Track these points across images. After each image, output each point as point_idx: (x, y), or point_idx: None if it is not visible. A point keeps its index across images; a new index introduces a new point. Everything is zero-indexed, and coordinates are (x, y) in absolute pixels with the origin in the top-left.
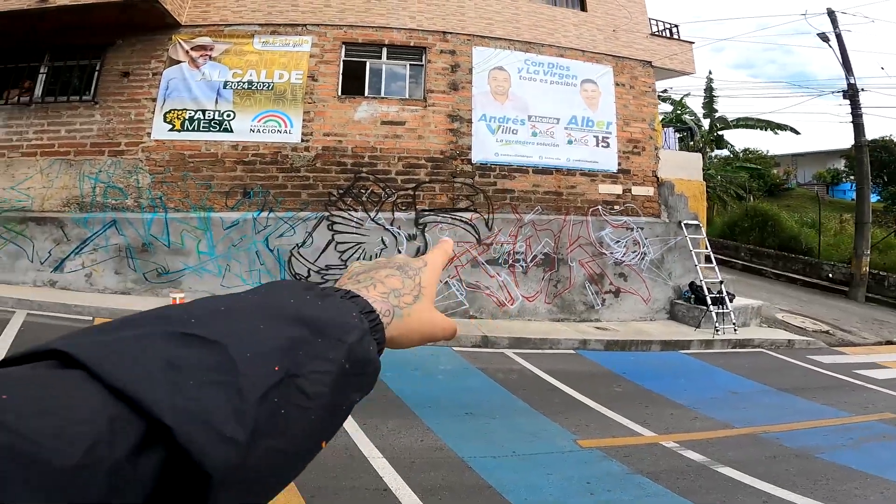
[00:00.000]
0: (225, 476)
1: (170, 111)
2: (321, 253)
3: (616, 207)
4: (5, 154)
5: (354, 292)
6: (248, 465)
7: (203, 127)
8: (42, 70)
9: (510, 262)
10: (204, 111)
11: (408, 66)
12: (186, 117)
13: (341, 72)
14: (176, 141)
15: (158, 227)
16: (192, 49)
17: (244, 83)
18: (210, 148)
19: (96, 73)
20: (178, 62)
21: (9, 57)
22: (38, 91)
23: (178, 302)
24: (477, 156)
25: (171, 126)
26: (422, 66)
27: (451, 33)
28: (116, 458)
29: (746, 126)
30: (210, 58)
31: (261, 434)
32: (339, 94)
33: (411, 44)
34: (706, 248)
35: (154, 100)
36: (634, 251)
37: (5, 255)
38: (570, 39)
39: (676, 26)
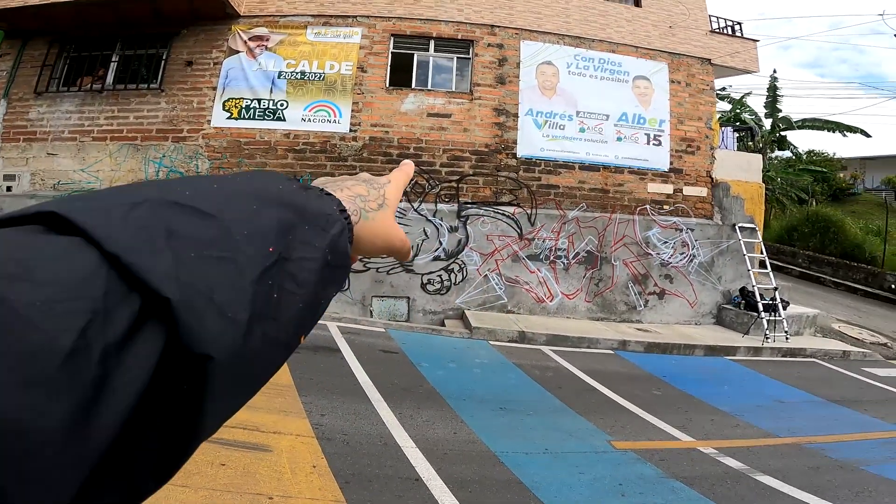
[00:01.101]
0: (226, 361)
1: (228, 99)
2: None
3: (665, 207)
4: (77, 138)
5: (328, 190)
6: (246, 351)
7: (258, 115)
8: (114, 58)
9: (551, 258)
10: (259, 100)
11: (455, 59)
12: (243, 106)
13: (389, 63)
14: (233, 128)
15: None
16: (249, 39)
17: (297, 73)
18: (264, 136)
19: (163, 61)
20: (237, 52)
21: (84, 45)
22: (110, 79)
23: None
24: (522, 150)
25: (229, 114)
26: (469, 59)
27: (499, 27)
28: (110, 340)
29: (813, 127)
30: (266, 48)
31: (257, 317)
32: (387, 85)
33: (459, 37)
34: (761, 253)
35: (214, 88)
36: (683, 253)
37: None
38: (622, 35)
39: (739, 23)
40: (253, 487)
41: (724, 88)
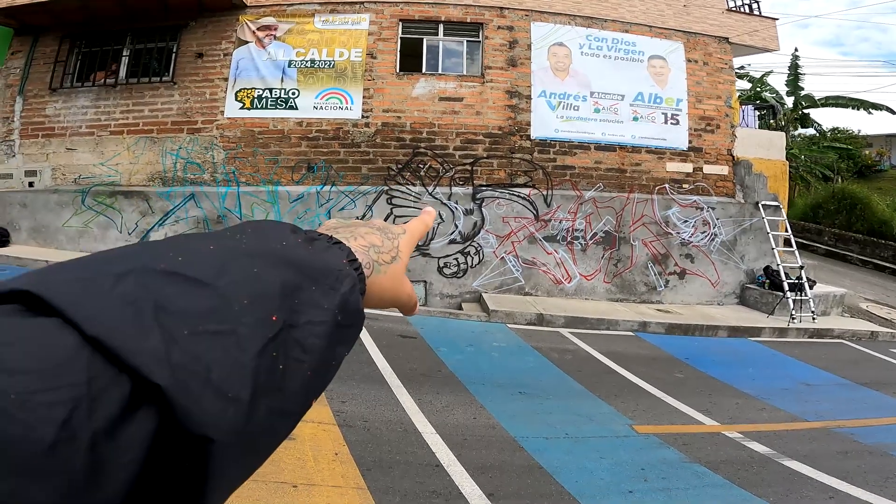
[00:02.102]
0: (227, 441)
1: (240, 90)
2: None
3: (685, 186)
4: (94, 132)
5: (337, 238)
6: (250, 429)
7: (270, 105)
8: (125, 52)
9: (569, 239)
10: (271, 90)
11: (465, 43)
12: (255, 96)
13: (399, 49)
14: (246, 118)
15: (231, 200)
16: (258, 29)
17: (307, 62)
18: (277, 125)
19: (173, 54)
20: (246, 42)
21: (95, 40)
22: (123, 73)
23: None
24: (536, 132)
25: (241, 104)
26: (479, 42)
27: (508, 9)
28: (98, 428)
29: (836, 105)
30: (275, 37)
31: (261, 392)
32: (398, 70)
33: (468, 20)
34: (786, 231)
35: (226, 79)
36: (704, 232)
37: (97, 226)
38: (635, 15)
39: (757, 2)
40: (277, 476)
41: (742, 67)
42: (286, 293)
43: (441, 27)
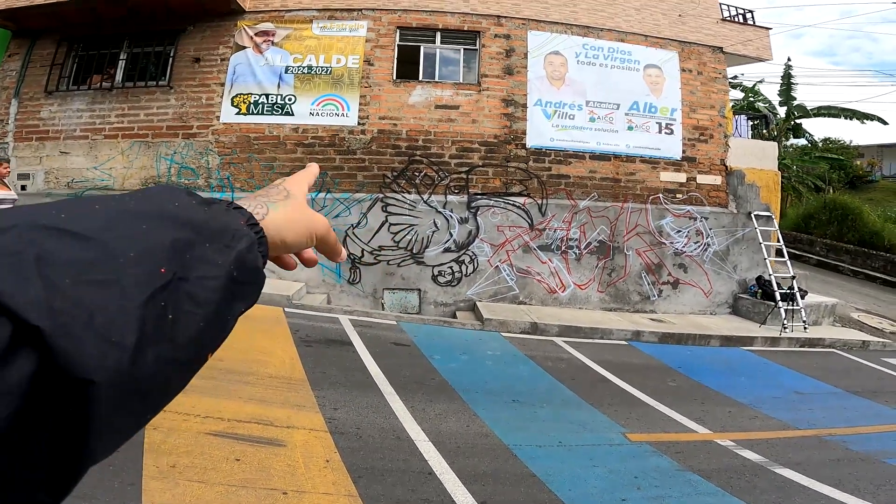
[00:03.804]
0: (110, 385)
1: (237, 95)
2: (374, 234)
3: (679, 196)
4: (89, 136)
5: (236, 203)
6: (135, 375)
7: (266, 110)
8: (122, 56)
9: (563, 248)
10: (267, 95)
11: (462, 51)
12: (251, 101)
13: (396, 56)
14: (242, 124)
15: None
16: (255, 35)
17: (304, 68)
18: (273, 131)
19: (170, 59)
20: (244, 48)
21: (92, 44)
22: (119, 77)
23: None
24: (532, 141)
25: (237, 110)
26: (476, 50)
27: (505, 17)
28: None
29: (829, 115)
30: (272, 43)
31: (148, 340)
32: (394, 78)
33: (465, 28)
34: (778, 241)
35: (222, 84)
36: (697, 242)
37: None
38: (631, 24)
39: (751, 12)
40: (267, 483)
41: (736, 77)
42: (177, 248)
43: (438, 35)
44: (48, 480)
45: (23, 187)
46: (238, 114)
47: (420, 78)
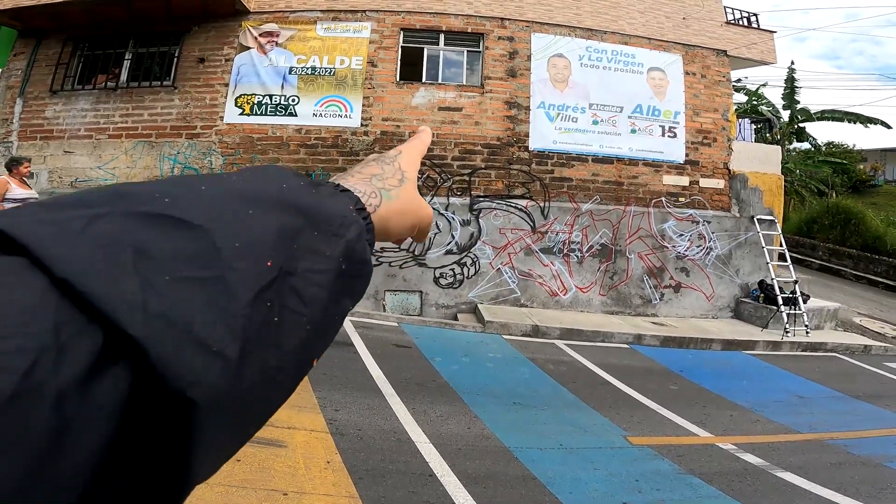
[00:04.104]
0: (213, 401)
1: (240, 96)
2: None
3: (681, 199)
4: (93, 136)
5: (343, 185)
6: (239, 388)
7: (270, 111)
8: (127, 56)
9: (565, 251)
10: (271, 96)
11: (465, 53)
12: (255, 102)
13: (399, 58)
14: (245, 124)
15: None
16: (260, 35)
17: (308, 69)
18: (276, 131)
19: (175, 59)
20: (248, 48)
21: (97, 44)
22: (124, 77)
23: None
24: (534, 143)
25: (241, 110)
26: (479, 52)
27: (509, 20)
28: (64, 382)
29: (833, 119)
30: (276, 44)
31: (253, 347)
32: (398, 79)
33: (468, 30)
34: (781, 245)
35: (226, 85)
36: (699, 245)
37: None
38: (635, 27)
39: (756, 15)
40: (268, 483)
41: (739, 80)
42: (283, 237)
43: (442, 37)
44: None
45: None
46: (242, 114)
47: (423, 80)
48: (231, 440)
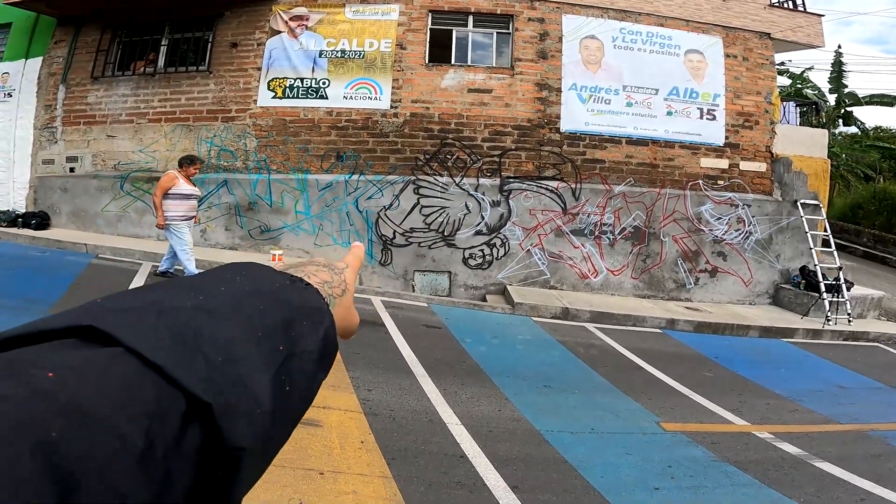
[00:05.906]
0: (255, 448)
1: (273, 79)
2: (406, 216)
3: (720, 182)
4: (133, 120)
5: (307, 281)
6: (272, 437)
7: (301, 94)
8: (164, 42)
9: (596, 233)
10: (302, 79)
11: (494, 35)
12: (287, 85)
13: (428, 40)
14: (278, 107)
15: (262, 187)
16: (290, 19)
17: (337, 52)
18: (307, 114)
19: (209, 44)
20: (279, 32)
21: (135, 31)
22: (161, 62)
23: (276, 259)
24: (566, 125)
25: (273, 94)
26: (509, 34)
27: (539, 1)
28: (168, 439)
29: (881, 103)
30: (306, 27)
31: (278, 405)
32: (427, 62)
33: (498, 11)
34: (825, 231)
35: (259, 69)
36: (738, 229)
37: (134, 211)
38: (671, 9)
39: None
40: (305, 463)
41: (782, 63)
42: (286, 327)
43: (471, 18)
44: None
45: (71, 169)
46: (274, 97)
47: (452, 62)
48: (257, 475)
